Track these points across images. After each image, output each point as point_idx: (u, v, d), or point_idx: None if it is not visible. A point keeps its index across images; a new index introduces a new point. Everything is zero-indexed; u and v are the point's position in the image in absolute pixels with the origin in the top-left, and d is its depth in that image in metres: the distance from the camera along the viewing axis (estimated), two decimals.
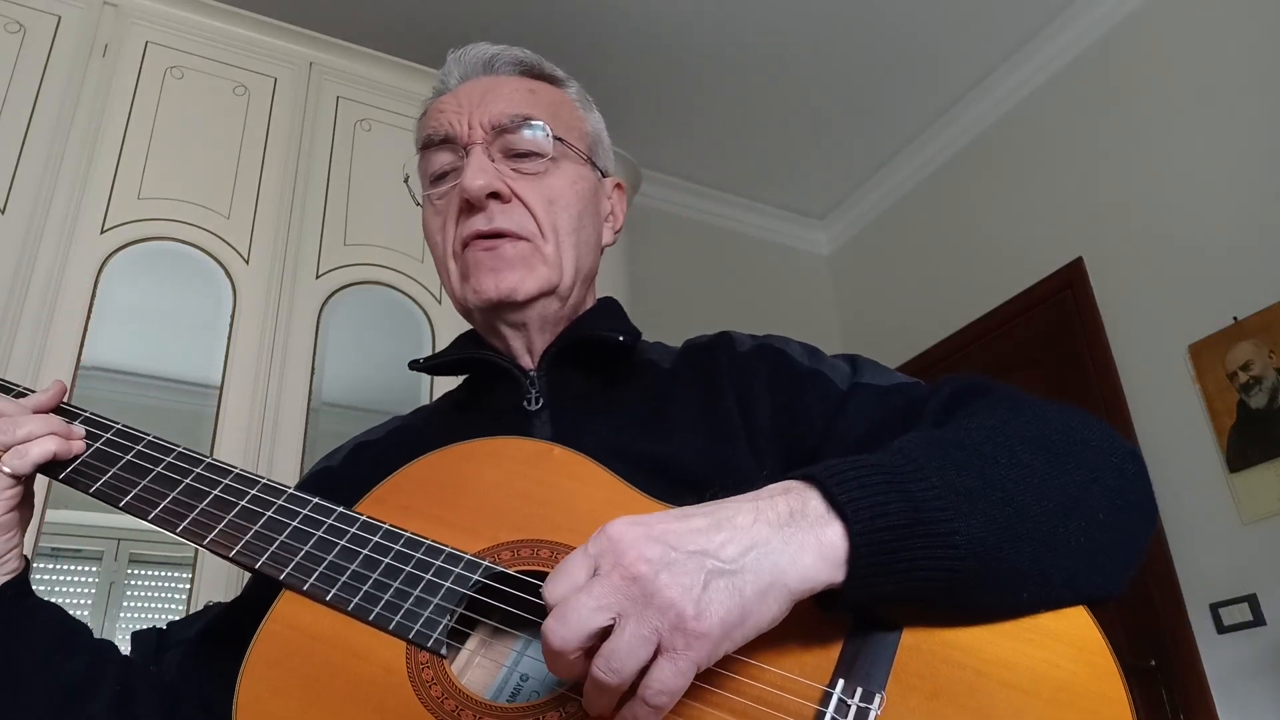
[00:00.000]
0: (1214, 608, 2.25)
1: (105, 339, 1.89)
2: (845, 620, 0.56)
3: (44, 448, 0.69)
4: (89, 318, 1.86)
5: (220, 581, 1.76)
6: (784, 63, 3.08)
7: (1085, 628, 0.55)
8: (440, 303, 2.22)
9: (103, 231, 1.94)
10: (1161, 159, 2.60)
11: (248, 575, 0.77)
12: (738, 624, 0.49)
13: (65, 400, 0.75)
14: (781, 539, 0.51)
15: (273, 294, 2.05)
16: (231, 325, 1.99)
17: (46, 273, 1.85)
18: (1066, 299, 2.80)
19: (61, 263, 1.87)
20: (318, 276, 2.13)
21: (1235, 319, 2.32)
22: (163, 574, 2.00)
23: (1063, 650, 0.54)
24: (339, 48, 2.39)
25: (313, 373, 2.03)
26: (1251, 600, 2.18)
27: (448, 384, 2.10)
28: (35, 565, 1.66)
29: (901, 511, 0.52)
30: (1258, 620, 2.17)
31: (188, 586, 1.79)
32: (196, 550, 1.80)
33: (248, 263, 2.06)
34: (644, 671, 0.48)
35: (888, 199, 3.63)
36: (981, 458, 0.57)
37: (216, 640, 0.77)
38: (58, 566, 1.87)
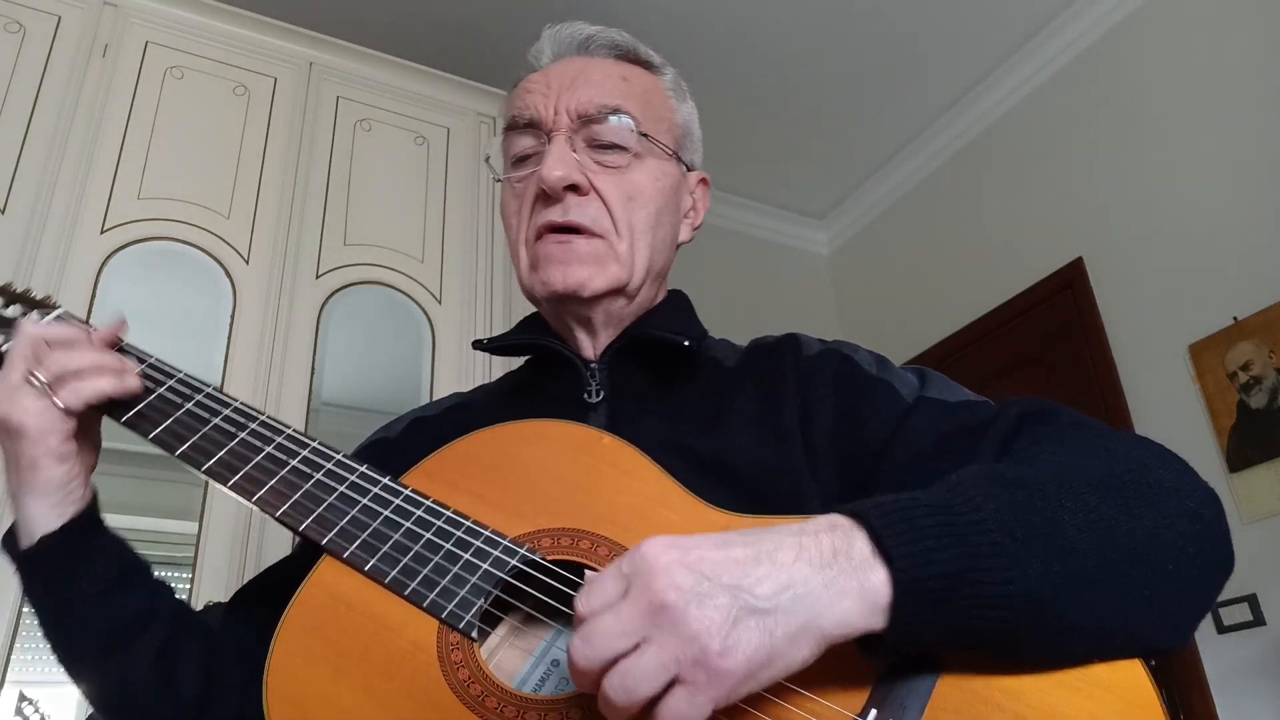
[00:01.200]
0: (1214, 608, 2.25)
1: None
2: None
3: (98, 387, 0.69)
4: (89, 318, 1.86)
5: (220, 581, 1.76)
6: (784, 63, 3.08)
7: (1138, 680, 0.52)
8: (440, 303, 2.22)
9: (103, 231, 1.94)
10: (1161, 159, 2.60)
11: (255, 571, 0.77)
12: (764, 665, 0.48)
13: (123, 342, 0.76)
14: (822, 580, 0.49)
15: (273, 294, 2.05)
16: (231, 325, 1.99)
17: (46, 273, 1.85)
18: (1066, 299, 2.80)
19: (61, 263, 1.87)
20: (318, 276, 2.13)
21: (1235, 319, 2.32)
22: (163, 574, 1.99)
23: (1111, 703, 0.51)
24: (339, 48, 2.39)
25: (313, 373, 2.03)
26: (1251, 600, 2.18)
27: (448, 386, 2.11)
28: None
29: (953, 559, 0.49)
30: (1258, 620, 2.17)
31: (187, 586, 1.79)
32: (196, 551, 1.80)
33: (248, 263, 2.06)
34: (659, 697, 0.47)
35: (888, 199, 3.63)
36: (1044, 499, 0.53)
37: (261, 594, 0.78)
38: None
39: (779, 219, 3.83)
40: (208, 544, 1.80)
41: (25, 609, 1.64)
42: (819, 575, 0.49)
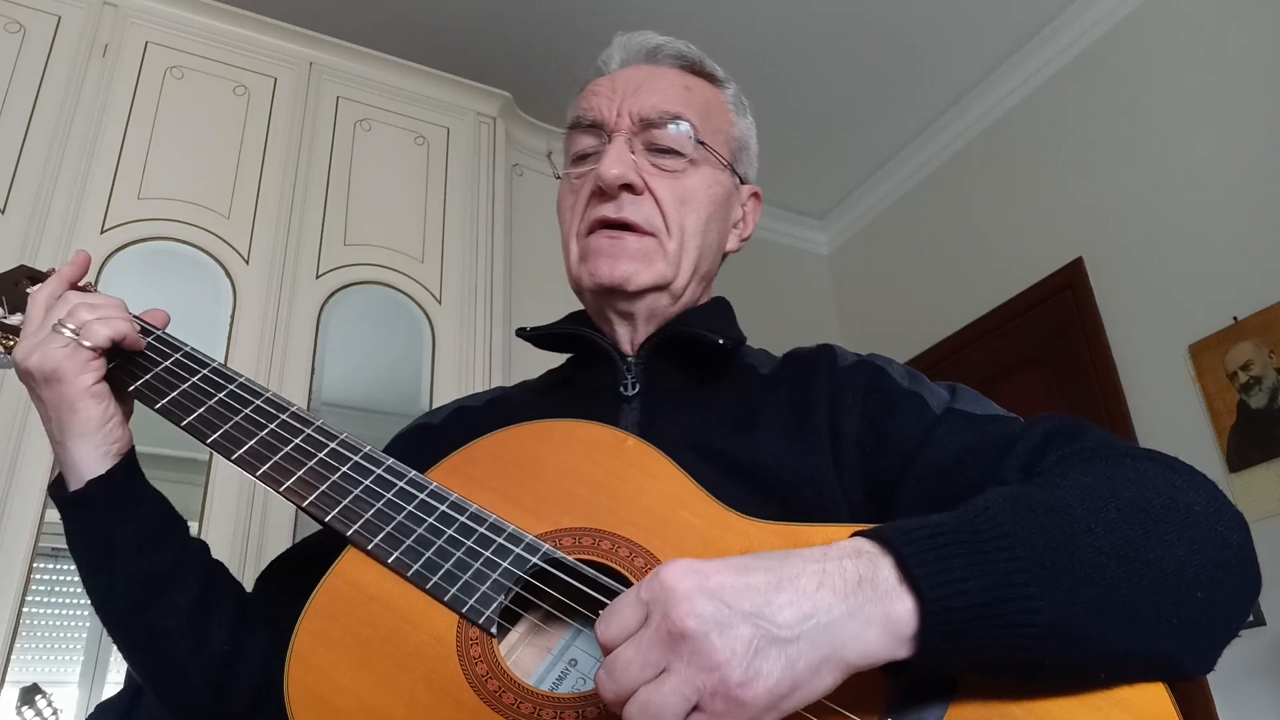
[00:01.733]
0: None
1: None
2: None
3: (118, 325, 0.73)
4: None
5: None
6: (784, 62, 3.08)
7: (1161, 704, 0.51)
8: (440, 303, 2.22)
9: (103, 231, 1.94)
10: (1161, 159, 2.60)
11: (256, 569, 0.78)
12: (785, 695, 0.47)
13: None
14: (845, 609, 0.48)
15: (273, 294, 2.05)
16: (231, 325, 1.99)
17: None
18: (1066, 299, 2.80)
19: (61, 263, 1.87)
20: (318, 276, 2.13)
21: (1235, 319, 2.32)
22: None
23: None
24: (339, 48, 2.39)
25: (313, 373, 2.03)
26: None
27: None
28: (35, 565, 1.66)
29: (981, 589, 0.49)
30: (1258, 620, 2.17)
31: None
32: None
33: (248, 263, 2.06)
34: None
35: (888, 199, 3.63)
36: (1073, 524, 0.53)
37: (295, 569, 0.80)
38: (58, 566, 1.87)
39: (779, 219, 3.83)
40: (208, 541, 1.79)
41: (25, 609, 1.64)
42: (843, 604, 0.48)
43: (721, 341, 0.79)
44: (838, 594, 0.48)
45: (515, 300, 2.34)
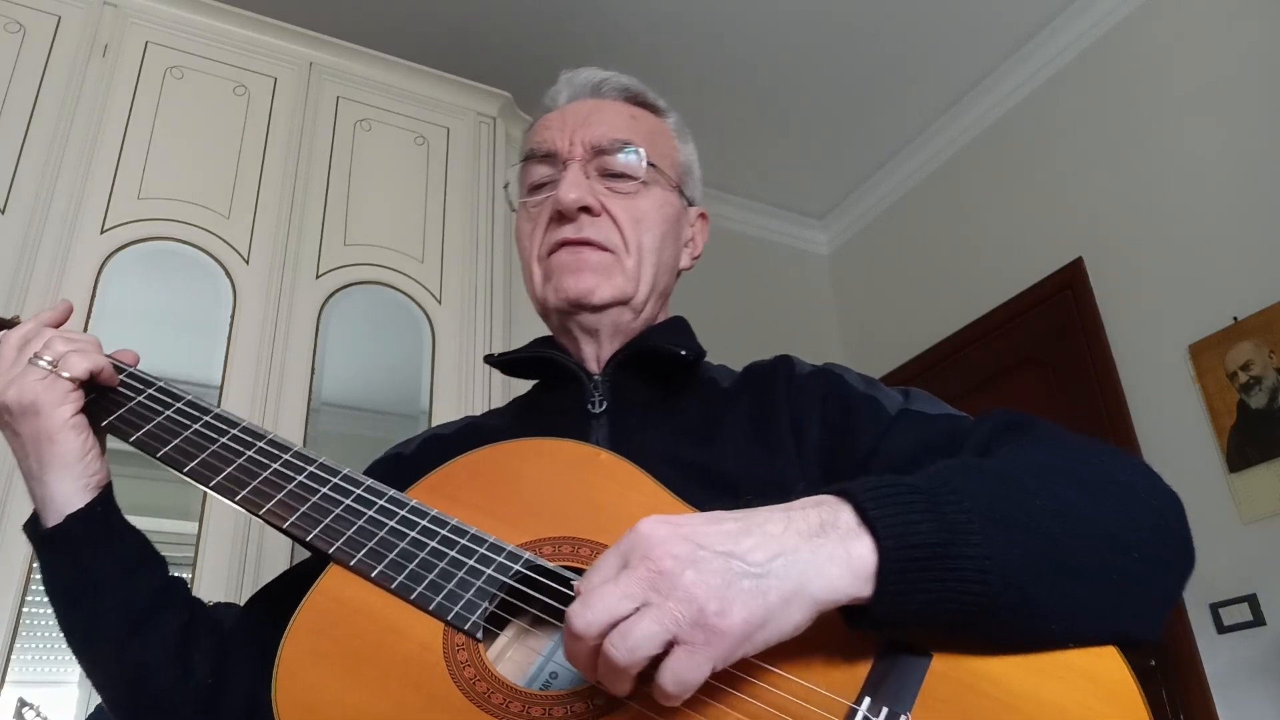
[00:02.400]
0: (1214, 608, 2.25)
1: (105, 339, 1.86)
2: (875, 640, 0.56)
3: (95, 358, 0.74)
4: (89, 318, 1.86)
5: (220, 581, 1.76)
6: (783, 63, 3.08)
7: (1118, 670, 0.54)
8: (440, 303, 2.22)
9: (103, 231, 1.94)
10: (1161, 159, 2.60)
11: (255, 572, 0.79)
12: (759, 626, 0.50)
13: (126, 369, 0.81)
14: (810, 548, 0.52)
15: (273, 294, 2.05)
16: (231, 325, 1.99)
17: (46, 273, 1.85)
18: (1066, 299, 2.80)
19: (61, 263, 1.87)
20: (318, 276, 2.13)
21: (1235, 319, 2.32)
22: None
23: (1094, 691, 0.53)
24: (339, 48, 2.39)
25: (313, 373, 2.03)
26: (1251, 600, 2.18)
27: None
28: (35, 566, 1.66)
29: (933, 531, 0.52)
30: (1258, 620, 2.17)
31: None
32: (196, 551, 1.80)
33: (248, 263, 2.06)
34: (659, 661, 0.49)
35: (888, 199, 3.63)
36: (1020, 488, 0.57)
37: (275, 599, 0.80)
38: None
39: (779, 219, 3.83)
40: (208, 544, 1.80)
41: (25, 609, 1.64)
42: (807, 544, 0.52)
43: (684, 352, 0.82)
44: (802, 536, 0.52)
45: (515, 300, 2.34)
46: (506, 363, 0.90)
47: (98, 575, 0.71)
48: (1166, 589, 0.59)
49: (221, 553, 1.80)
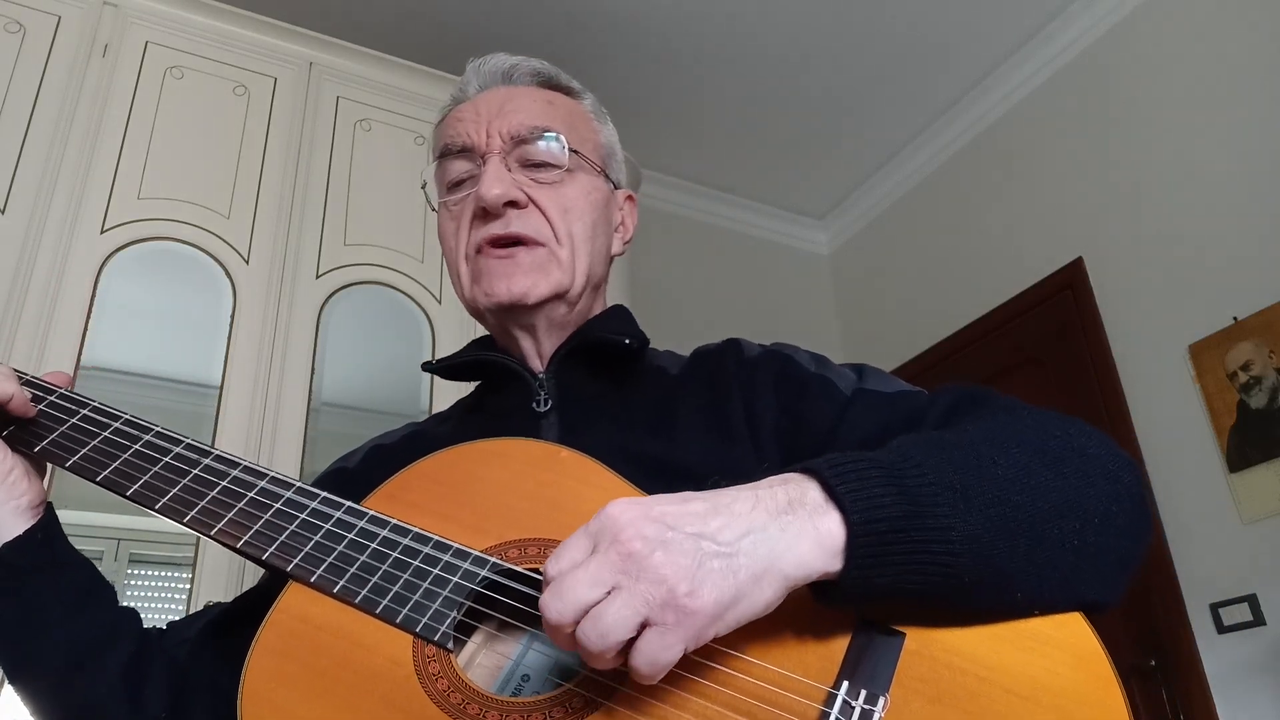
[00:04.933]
0: (1214, 608, 2.25)
1: (105, 339, 1.89)
2: (850, 623, 0.56)
3: (1, 386, 0.69)
4: (89, 318, 1.86)
5: (220, 581, 1.76)
6: (784, 62, 3.08)
7: (1084, 636, 0.56)
8: (440, 303, 2.22)
9: (103, 231, 1.94)
10: (1161, 159, 2.60)
11: (255, 570, 0.78)
12: (730, 605, 0.50)
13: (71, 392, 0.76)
14: (779, 525, 0.52)
15: (273, 294, 2.05)
16: (231, 325, 1.99)
17: (46, 273, 1.85)
18: (1066, 299, 2.80)
19: (61, 263, 1.87)
20: (318, 276, 2.13)
21: (1235, 319, 2.32)
22: (162, 574, 2.00)
23: (1062, 658, 0.54)
24: (339, 48, 2.39)
25: (313, 373, 2.03)
26: (1251, 600, 2.18)
27: (448, 386, 2.11)
28: None
29: (898, 504, 0.53)
30: (1258, 620, 2.17)
31: (187, 587, 1.79)
32: (196, 551, 1.80)
33: (248, 263, 2.06)
34: (632, 642, 0.49)
35: (888, 199, 3.63)
36: (979, 458, 0.57)
37: (228, 628, 0.78)
38: None
39: (779, 219, 3.83)
40: (208, 544, 1.80)
41: None
42: (775, 521, 0.52)
43: (628, 341, 0.81)
44: (770, 514, 0.53)
45: None
46: (448, 367, 0.86)
47: (38, 609, 0.68)
48: (1126, 553, 0.59)
49: (221, 553, 1.80)
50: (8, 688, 1.60)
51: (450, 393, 2.11)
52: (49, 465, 0.73)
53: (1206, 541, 2.29)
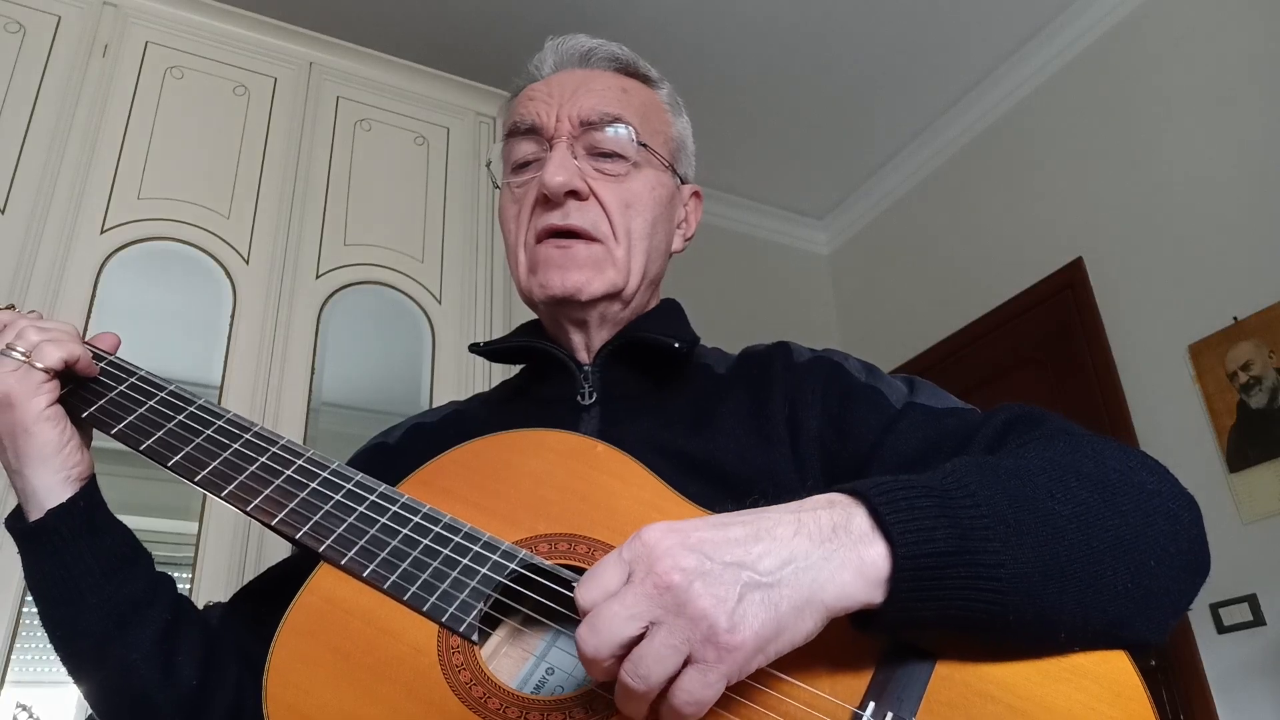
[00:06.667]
0: (1214, 608, 2.25)
1: None
2: (879, 644, 0.55)
3: (70, 348, 0.71)
4: (89, 318, 1.86)
5: (220, 581, 1.76)
6: (785, 63, 3.08)
7: (1125, 672, 0.53)
8: (440, 302, 2.22)
9: (103, 231, 1.94)
10: (1161, 159, 2.60)
11: (255, 570, 0.77)
12: (772, 638, 0.48)
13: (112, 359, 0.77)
14: (822, 554, 0.50)
15: (273, 294, 2.05)
16: (231, 325, 1.99)
17: (46, 273, 1.85)
18: (1066, 299, 2.80)
19: (61, 263, 1.87)
20: (318, 276, 2.13)
21: (1235, 319, 2.32)
22: None
23: (1099, 694, 0.52)
24: (339, 48, 2.39)
25: (312, 373, 2.03)
26: (1251, 600, 2.18)
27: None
28: None
29: (948, 539, 0.51)
30: (1258, 620, 2.17)
31: (187, 587, 1.79)
32: (196, 551, 1.80)
33: (248, 263, 2.06)
34: (674, 679, 0.48)
35: (888, 199, 3.63)
36: (1035, 489, 0.55)
37: (261, 597, 0.79)
38: None
39: (779, 219, 3.83)
40: (208, 544, 1.80)
41: (25, 609, 1.64)
42: (819, 549, 0.50)
43: (677, 345, 0.79)
44: (813, 540, 0.50)
45: (515, 300, 2.33)
46: (494, 350, 0.86)
47: (79, 572, 0.69)
48: (1180, 596, 0.57)
49: (221, 553, 1.80)
50: (9, 688, 1.60)
51: (452, 394, 2.11)
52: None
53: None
